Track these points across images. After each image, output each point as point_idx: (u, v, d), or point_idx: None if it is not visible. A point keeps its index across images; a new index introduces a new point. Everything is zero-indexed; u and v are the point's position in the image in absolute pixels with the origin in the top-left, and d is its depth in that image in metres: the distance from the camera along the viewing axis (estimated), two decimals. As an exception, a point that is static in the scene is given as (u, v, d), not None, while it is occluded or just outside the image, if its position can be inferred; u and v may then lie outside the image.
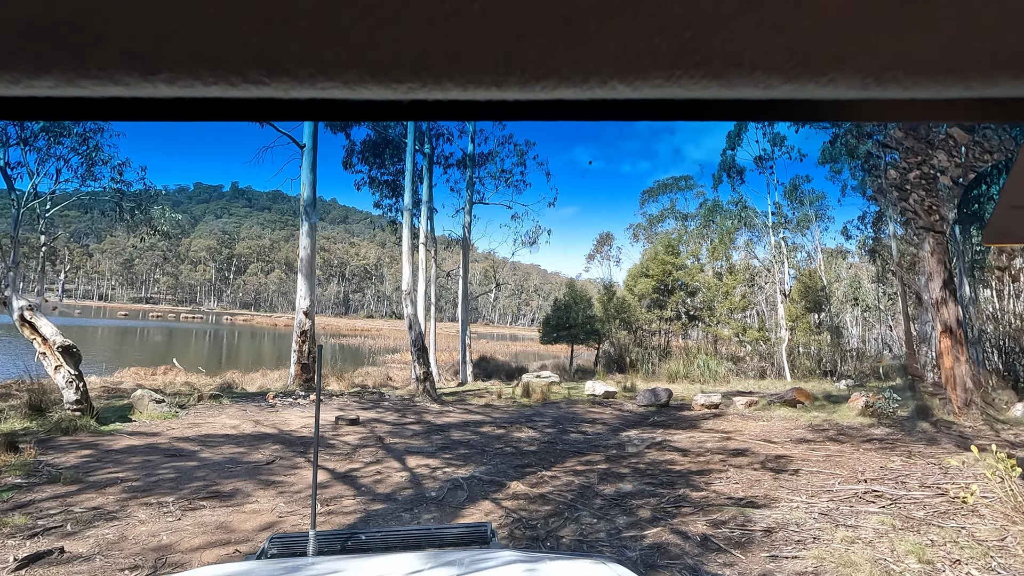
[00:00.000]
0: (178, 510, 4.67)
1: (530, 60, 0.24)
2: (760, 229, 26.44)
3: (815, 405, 11.67)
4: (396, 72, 0.25)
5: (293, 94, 0.26)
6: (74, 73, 0.24)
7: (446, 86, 0.25)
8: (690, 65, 0.24)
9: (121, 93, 0.25)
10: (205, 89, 0.25)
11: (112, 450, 6.54)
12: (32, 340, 7.46)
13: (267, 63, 0.24)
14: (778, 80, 0.25)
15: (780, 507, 4.78)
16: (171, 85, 0.25)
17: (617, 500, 5.19)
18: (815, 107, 0.29)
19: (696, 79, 0.25)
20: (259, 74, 0.24)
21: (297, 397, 11.00)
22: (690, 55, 0.24)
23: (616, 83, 0.25)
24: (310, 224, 13.00)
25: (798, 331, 22.29)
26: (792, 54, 0.24)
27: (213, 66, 0.24)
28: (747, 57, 0.24)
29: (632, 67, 0.25)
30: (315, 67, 0.24)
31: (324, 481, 5.75)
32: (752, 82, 0.25)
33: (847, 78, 0.25)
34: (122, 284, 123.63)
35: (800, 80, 0.25)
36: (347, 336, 53.40)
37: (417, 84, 0.25)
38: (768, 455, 7.26)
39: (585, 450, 7.56)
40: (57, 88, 0.25)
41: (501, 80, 0.25)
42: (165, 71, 0.24)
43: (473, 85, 0.25)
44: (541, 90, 0.26)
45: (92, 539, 3.99)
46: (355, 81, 0.25)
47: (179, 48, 0.23)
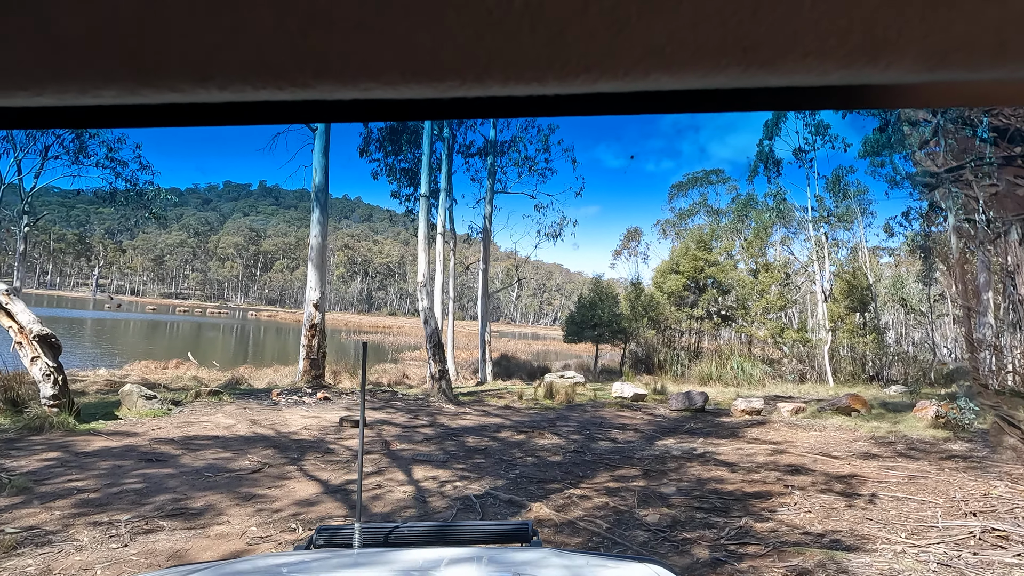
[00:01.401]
0: (128, 533, 3.85)
1: (571, 54, 0.24)
2: (798, 224, 24.97)
3: (873, 414, 10.46)
4: (437, 71, 0.25)
5: (337, 96, 0.26)
6: (135, 83, 0.25)
7: (487, 83, 0.26)
8: (737, 53, 0.24)
9: (177, 99, 0.27)
10: (254, 93, 0.26)
11: (82, 453, 5.81)
12: (8, 328, 6.81)
13: (313, 66, 0.25)
14: (833, 66, 0.25)
15: (879, 551, 3.74)
16: (223, 91, 0.26)
17: (663, 532, 4.21)
18: (873, 93, 0.27)
19: (744, 67, 0.25)
20: (305, 77, 0.25)
21: (303, 395, 10.25)
22: (737, 43, 0.24)
23: (659, 75, 0.25)
24: (322, 210, 12.26)
25: (840, 332, 20.84)
26: (848, 38, 0.24)
27: (262, 71, 0.25)
28: (799, 43, 0.24)
29: (676, 58, 0.24)
30: (359, 69, 0.25)
31: (312, 496, 4.90)
32: (804, 69, 0.25)
33: (909, 61, 0.24)
34: (153, 280, 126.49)
35: (857, 65, 0.25)
36: (368, 333, 53.13)
37: (457, 82, 0.25)
38: (833, 473, 6.19)
39: (617, 462, 6.58)
40: (120, 97, 0.26)
41: (541, 75, 0.25)
42: (218, 77, 0.25)
43: (513, 81, 0.25)
44: (581, 84, 0.26)
45: (7, 573, 3.19)
46: (398, 81, 0.25)
47: (231, 55, 0.24)
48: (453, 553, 1.39)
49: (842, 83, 0.25)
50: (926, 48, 0.23)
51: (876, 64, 0.23)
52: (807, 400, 12.77)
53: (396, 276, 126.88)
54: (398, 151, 16.29)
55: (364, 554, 1.44)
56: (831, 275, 22.84)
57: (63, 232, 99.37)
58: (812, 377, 20.23)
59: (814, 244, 22.91)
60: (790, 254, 26.02)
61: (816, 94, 0.27)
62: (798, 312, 29.17)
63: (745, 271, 23.99)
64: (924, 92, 0.27)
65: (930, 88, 0.26)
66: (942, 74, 0.24)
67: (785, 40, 0.23)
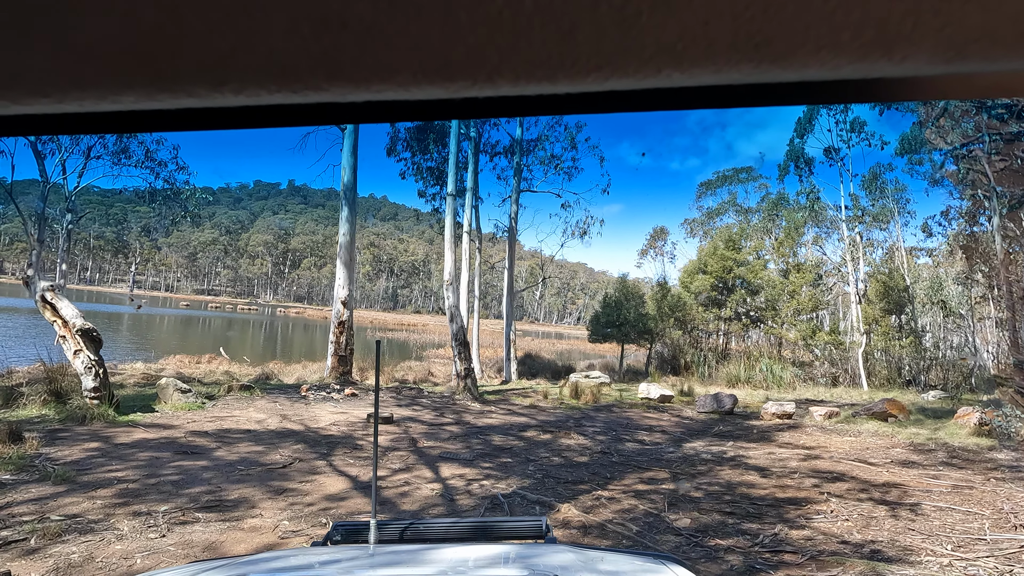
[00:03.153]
0: (167, 523, 3.95)
1: (582, 52, 0.24)
2: (831, 223, 24.30)
3: (911, 420, 10.10)
4: (449, 71, 0.25)
5: (350, 98, 0.27)
6: (154, 88, 0.26)
7: (498, 83, 0.26)
8: (750, 48, 0.24)
9: (192, 104, 0.27)
10: (269, 97, 0.26)
11: (122, 444, 5.99)
12: (53, 322, 7.06)
13: (326, 69, 0.25)
14: (846, 60, 0.24)
15: (924, 563, 3.60)
16: (237, 95, 0.26)
17: (694, 537, 4.13)
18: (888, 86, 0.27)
19: (756, 63, 0.25)
20: (318, 80, 0.25)
21: (331, 391, 10.39)
22: (750, 38, 0.24)
23: (671, 71, 0.25)
24: (350, 209, 12.40)
25: (875, 335, 20.21)
26: (862, 30, 0.23)
27: (277, 75, 0.25)
28: (811, 37, 0.24)
29: (688, 54, 0.24)
30: (371, 70, 0.25)
31: (342, 491, 4.96)
32: (817, 63, 0.25)
33: (925, 54, 0.24)
34: (187, 276, 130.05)
35: (871, 58, 0.24)
36: (393, 330, 53.70)
37: (469, 82, 0.26)
38: (871, 481, 5.99)
39: (645, 464, 6.50)
40: (137, 103, 0.27)
41: (552, 74, 0.25)
42: (233, 82, 0.25)
43: (524, 80, 0.26)
44: (593, 82, 0.26)
45: (52, 560, 3.29)
46: (409, 82, 0.26)
47: (245, 60, 0.24)
48: (469, 549, 1.39)
49: (856, 77, 0.25)
50: (942, 40, 0.22)
51: (891, 57, 0.23)
52: (840, 404, 12.42)
53: (421, 274, 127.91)
54: (425, 150, 16.38)
55: (380, 550, 1.44)
56: (865, 276, 22.17)
57: (102, 230, 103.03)
58: (845, 381, 19.68)
59: (848, 244, 22.27)
60: (822, 254, 25.35)
61: (829, 88, 0.27)
62: (830, 314, 28.39)
63: (775, 271, 23.46)
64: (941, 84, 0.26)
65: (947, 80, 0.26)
66: (959, 66, 0.23)
67: (798, 35, 0.22)
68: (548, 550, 1.39)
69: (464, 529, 1.71)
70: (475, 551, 1.38)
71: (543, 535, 1.67)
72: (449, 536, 1.67)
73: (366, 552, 1.43)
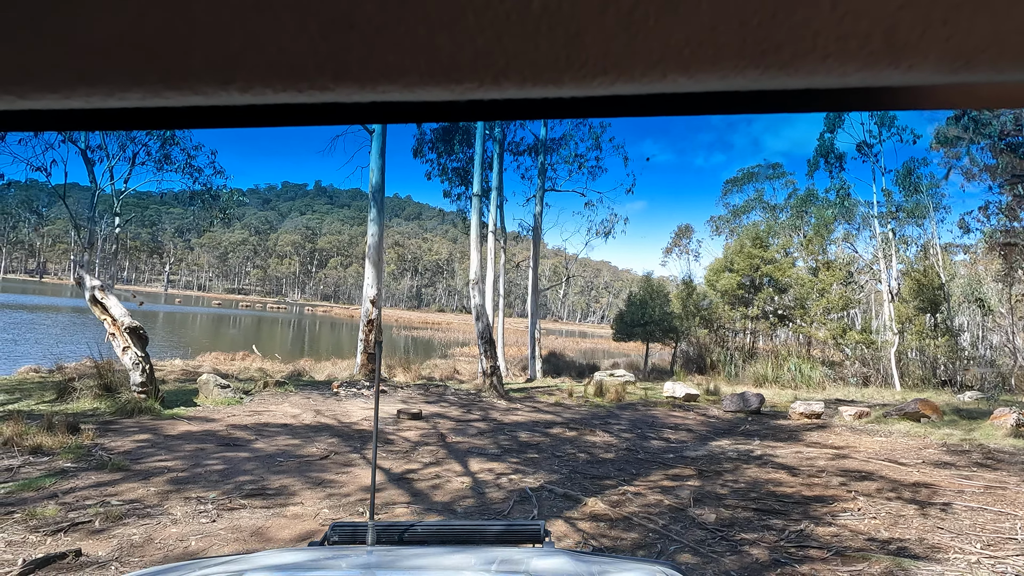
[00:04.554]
0: (216, 509, 4.20)
1: (589, 56, 0.24)
2: (862, 220, 23.75)
3: (945, 421, 9.91)
4: (455, 73, 0.25)
5: (356, 98, 0.27)
6: (161, 85, 0.26)
7: (504, 85, 0.26)
8: (757, 55, 0.24)
9: (199, 102, 0.27)
10: (275, 96, 0.26)
11: (168, 436, 6.32)
12: (103, 320, 7.47)
13: (333, 69, 0.25)
14: (853, 68, 0.24)
15: (950, 560, 3.62)
16: (244, 93, 0.26)
17: (720, 531, 4.21)
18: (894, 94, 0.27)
19: (763, 69, 0.25)
20: (325, 80, 0.25)
21: (361, 388, 10.68)
22: (757, 44, 0.24)
23: (677, 76, 0.25)
24: (378, 210, 12.69)
25: (909, 334, 19.73)
26: (869, 39, 0.23)
27: (284, 74, 0.25)
28: (819, 44, 0.23)
29: (694, 59, 0.24)
30: (378, 71, 0.25)
31: (377, 483, 5.15)
32: (824, 70, 0.24)
33: (932, 63, 0.24)
34: (218, 276, 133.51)
35: (878, 66, 0.24)
36: (418, 328, 54.32)
37: (475, 84, 0.26)
38: (901, 480, 5.95)
39: (671, 461, 6.56)
40: (145, 100, 0.27)
41: (558, 77, 0.25)
42: (240, 80, 0.26)
43: (530, 83, 0.26)
44: (599, 86, 0.26)
45: (116, 540, 3.56)
46: (415, 83, 0.26)
47: (253, 58, 0.25)
48: (466, 552, 1.41)
49: (862, 85, 0.25)
50: (950, 50, 0.23)
51: (898, 66, 0.23)
52: (871, 405, 12.21)
53: (444, 273, 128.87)
54: (451, 152, 16.62)
55: (377, 552, 1.45)
56: (899, 274, 21.64)
57: (138, 231, 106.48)
58: (877, 381, 19.27)
59: (880, 241, 21.76)
60: (853, 251, 24.78)
61: (836, 95, 0.27)
62: (862, 312, 27.75)
63: (804, 269, 23.06)
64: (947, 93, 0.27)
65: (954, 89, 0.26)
66: (966, 76, 0.24)
67: (805, 42, 0.23)
68: (545, 555, 1.40)
69: (462, 532, 1.72)
70: (471, 555, 1.39)
71: (541, 540, 1.67)
72: (447, 539, 1.68)
73: (363, 553, 1.44)
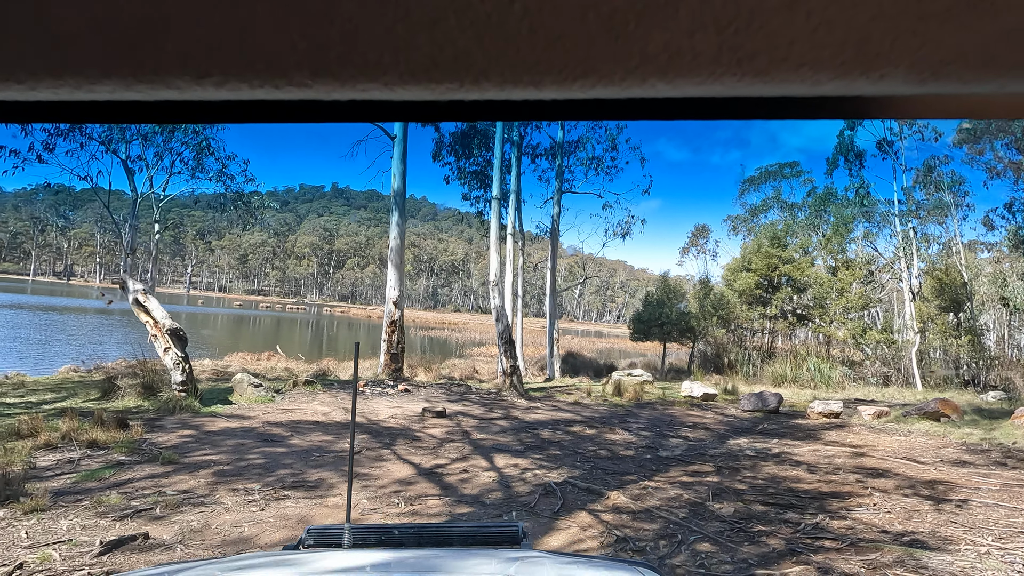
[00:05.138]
0: (263, 499, 4.51)
1: (569, 59, 0.24)
2: (882, 219, 23.52)
3: (965, 420, 9.92)
4: (435, 72, 0.25)
5: (335, 96, 0.26)
6: (132, 79, 0.25)
7: (484, 86, 0.26)
8: (733, 62, 0.24)
9: (172, 96, 0.26)
10: (251, 92, 0.26)
11: (210, 432, 6.68)
12: (146, 323, 7.87)
13: (312, 66, 0.25)
14: (826, 76, 0.25)
15: (961, 551, 3.77)
16: (219, 88, 0.26)
17: (738, 523, 4.40)
18: (865, 104, 0.28)
19: (739, 76, 0.25)
20: (303, 77, 0.25)
21: (385, 387, 11.00)
22: (733, 52, 0.24)
23: (656, 82, 0.25)
24: (400, 214, 13.02)
25: (930, 333, 19.54)
26: (842, 49, 0.24)
27: (261, 69, 0.25)
28: (793, 53, 0.24)
29: (672, 65, 0.25)
30: (357, 68, 0.25)
31: (408, 477, 5.44)
32: (798, 79, 0.25)
33: (902, 73, 0.24)
34: (238, 277, 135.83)
35: (850, 76, 0.25)
36: (435, 328, 54.81)
37: (455, 84, 0.26)
38: (918, 478, 6.07)
39: (690, 458, 6.74)
40: (115, 93, 0.26)
41: (538, 80, 0.25)
42: (215, 75, 0.25)
43: (510, 85, 0.26)
44: (579, 89, 0.26)
45: (177, 525, 3.87)
46: (395, 82, 0.25)
47: (230, 53, 0.24)
48: (443, 554, 1.42)
49: (836, 94, 0.26)
50: (918, 61, 0.23)
51: (869, 76, 0.24)
52: (891, 404, 12.20)
53: (460, 273, 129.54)
54: (469, 155, 16.91)
55: (352, 555, 1.45)
56: (920, 272, 21.42)
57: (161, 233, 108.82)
58: (898, 381, 19.12)
59: (901, 240, 21.57)
60: (873, 250, 24.56)
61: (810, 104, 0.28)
62: (884, 311, 27.43)
63: (823, 268, 22.93)
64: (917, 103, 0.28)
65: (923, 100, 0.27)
66: (934, 87, 0.25)
67: (780, 51, 0.23)
68: (522, 555, 1.40)
69: (439, 534, 1.74)
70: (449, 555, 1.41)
71: (520, 540, 1.69)
72: (424, 541, 1.69)
73: (340, 556, 1.44)
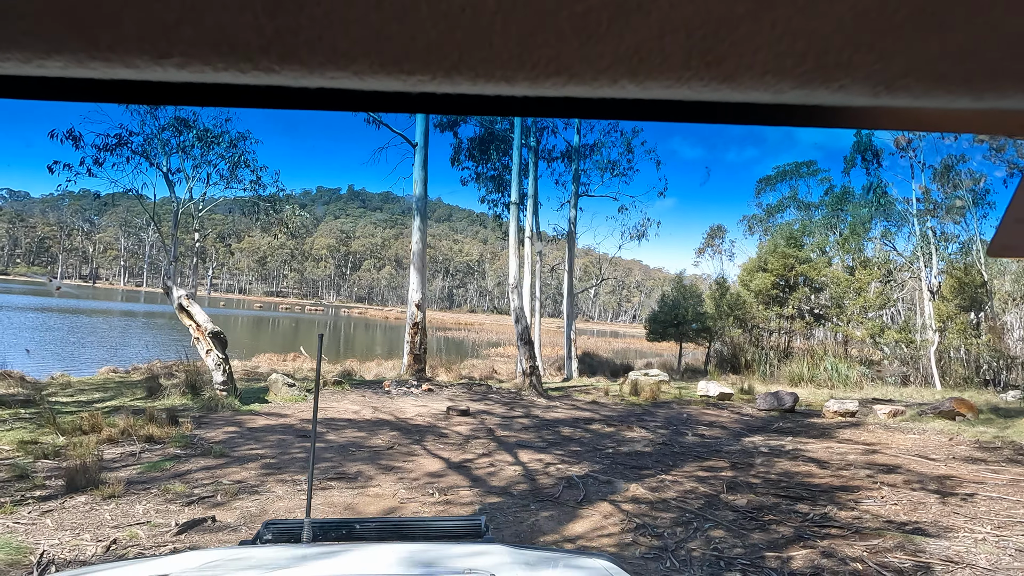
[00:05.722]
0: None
1: (541, 56, 0.24)
2: (901, 217, 23.43)
3: (980, 419, 10.04)
4: (406, 64, 0.25)
5: (303, 83, 0.26)
6: (85, 55, 0.24)
7: (456, 79, 0.26)
8: (700, 67, 0.25)
9: (131, 76, 0.25)
10: (215, 75, 0.25)
11: (252, 428, 7.14)
12: (189, 326, 8.37)
13: (279, 51, 0.24)
14: (788, 85, 0.25)
15: (959, 537, 4.04)
16: (181, 70, 0.25)
17: (750, 513, 4.70)
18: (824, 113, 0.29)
19: (706, 81, 0.25)
20: (270, 61, 0.24)
21: (410, 386, 11.43)
22: (701, 56, 0.24)
23: (626, 82, 0.26)
24: (422, 219, 13.45)
25: (950, 333, 19.47)
26: (804, 59, 0.24)
27: (225, 52, 0.24)
28: (758, 60, 0.24)
29: (642, 67, 0.25)
30: (326, 56, 0.24)
31: (439, 470, 5.82)
32: (762, 86, 0.25)
33: (858, 85, 0.25)
34: (257, 279, 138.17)
35: (811, 85, 0.25)
36: (452, 329, 55.38)
37: (427, 76, 0.25)
38: (928, 474, 6.29)
39: (705, 455, 7.04)
40: (67, 69, 0.25)
41: (511, 75, 0.25)
42: (176, 55, 0.24)
43: (483, 79, 0.26)
44: (551, 87, 0.26)
45: (238, 510, 4.30)
46: (365, 71, 0.25)
47: (192, 33, 0.23)
48: (404, 549, 1.41)
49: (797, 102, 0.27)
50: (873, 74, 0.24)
51: (829, 86, 0.25)
52: (908, 404, 12.32)
53: (475, 274, 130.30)
54: (486, 160, 17.30)
55: (311, 549, 1.43)
56: (939, 271, 21.33)
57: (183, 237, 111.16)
58: (917, 380, 19.11)
59: (919, 239, 21.49)
60: (891, 249, 24.46)
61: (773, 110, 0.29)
62: (906, 310, 27.25)
63: (840, 268, 22.92)
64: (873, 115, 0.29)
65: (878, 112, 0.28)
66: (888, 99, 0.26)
67: (746, 57, 0.24)
68: (484, 549, 1.40)
69: (401, 528, 1.72)
70: (409, 549, 1.39)
71: (482, 534, 1.68)
72: (385, 535, 1.67)
73: (298, 551, 1.42)
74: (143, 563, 1.29)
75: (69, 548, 3.52)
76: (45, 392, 8.56)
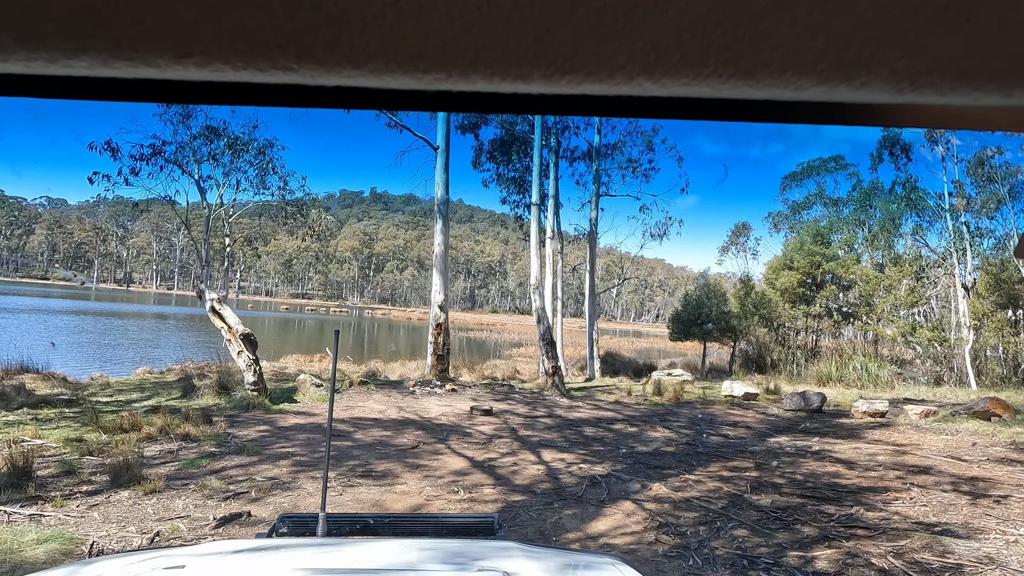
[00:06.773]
0: (339, 486, 5.07)
1: (557, 54, 0.24)
2: (933, 213, 22.79)
3: (1017, 420, 9.75)
4: (423, 62, 0.25)
5: (320, 81, 0.26)
6: (109, 54, 0.24)
7: (471, 78, 0.26)
8: (719, 64, 0.24)
9: (153, 75, 0.26)
10: (234, 74, 0.26)
11: (282, 427, 7.35)
12: (220, 328, 8.65)
13: (297, 50, 0.24)
14: (809, 82, 0.25)
15: (990, 539, 3.98)
16: (201, 68, 0.25)
17: (774, 513, 4.69)
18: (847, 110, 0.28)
19: (724, 78, 0.25)
20: (288, 60, 0.25)
21: (434, 386, 11.58)
22: (719, 54, 0.24)
23: (643, 80, 0.25)
24: (444, 222, 13.61)
25: (986, 331, 18.88)
26: (825, 55, 0.24)
27: (244, 51, 0.24)
28: (778, 57, 0.24)
29: (659, 64, 0.25)
30: (343, 55, 0.24)
31: (463, 468, 5.93)
32: (782, 83, 0.25)
33: (881, 82, 0.25)
34: (283, 282, 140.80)
35: (832, 82, 0.25)
36: (473, 329, 55.65)
37: (443, 75, 0.25)
38: (960, 475, 6.17)
39: (729, 455, 7.01)
40: (92, 68, 0.25)
41: (527, 74, 0.25)
42: (197, 55, 0.24)
43: (499, 78, 0.26)
44: (567, 84, 0.26)
45: (272, 506, 4.46)
46: (382, 70, 0.25)
47: (212, 32, 0.24)
48: (416, 544, 1.41)
49: (818, 99, 0.26)
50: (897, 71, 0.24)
51: (850, 83, 0.25)
52: (941, 404, 12.01)
53: (497, 274, 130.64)
54: (508, 161, 17.41)
55: (326, 543, 1.44)
56: (974, 268, 20.70)
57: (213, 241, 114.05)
58: (951, 380, 18.57)
59: (952, 234, 20.89)
60: (923, 245, 23.81)
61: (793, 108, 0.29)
62: (940, 307, 26.49)
63: (870, 265, 22.41)
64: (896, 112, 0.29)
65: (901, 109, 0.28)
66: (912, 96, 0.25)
67: (765, 55, 0.24)
68: (497, 547, 1.40)
69: (414, 524, 1.74)
70: (423, 545, 1.40)
71: (495, 531, 1.68)
72: (398, 531, 1.68)
73: (313, 544, 1.43)
74: (160, 553, 1.31)
75: (116, 540, 3.71)
76: (86, 392, 8.94)
